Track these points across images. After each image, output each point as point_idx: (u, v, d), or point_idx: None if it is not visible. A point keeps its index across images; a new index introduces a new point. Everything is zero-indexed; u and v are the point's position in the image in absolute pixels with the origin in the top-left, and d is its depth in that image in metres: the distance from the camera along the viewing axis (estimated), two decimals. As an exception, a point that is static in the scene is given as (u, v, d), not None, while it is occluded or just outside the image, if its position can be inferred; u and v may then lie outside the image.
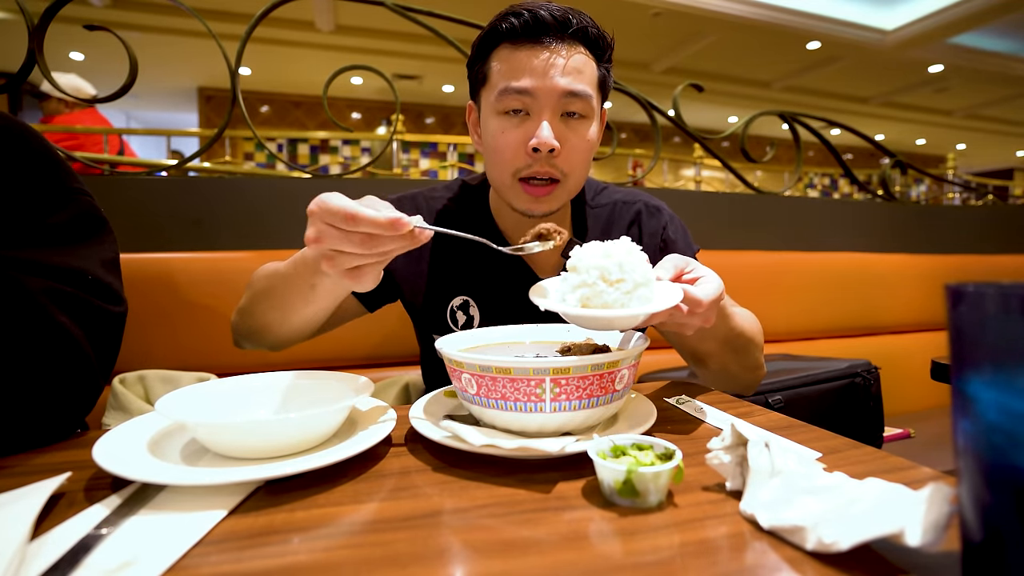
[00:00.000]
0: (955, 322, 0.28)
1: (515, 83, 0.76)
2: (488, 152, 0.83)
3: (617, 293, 0.54)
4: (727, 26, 6.26)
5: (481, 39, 0.81)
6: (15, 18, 5.04)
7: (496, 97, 0.78)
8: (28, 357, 0.59)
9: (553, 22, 0.75)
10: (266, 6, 1.39)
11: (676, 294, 0.57)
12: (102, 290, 0.67)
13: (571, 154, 0.79)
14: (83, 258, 0.67)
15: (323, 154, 6.58)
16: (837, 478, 0.41)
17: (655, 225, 0.96)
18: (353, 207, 0.51)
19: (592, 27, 0.79)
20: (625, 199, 0.98)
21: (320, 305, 0.70)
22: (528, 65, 0.76)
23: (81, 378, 0.64)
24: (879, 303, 1.85)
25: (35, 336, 0.59)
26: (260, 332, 0.79)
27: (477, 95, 0.85)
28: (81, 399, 0.65)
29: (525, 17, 0.75)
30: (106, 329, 0.67)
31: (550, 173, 0.79)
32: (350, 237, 0.53)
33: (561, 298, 0.58)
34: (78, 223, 0.69)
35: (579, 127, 0.80)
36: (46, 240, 0.65)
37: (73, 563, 0.34)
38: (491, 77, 0.80)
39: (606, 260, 0.55)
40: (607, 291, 0.55)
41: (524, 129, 0.78)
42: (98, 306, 0.66)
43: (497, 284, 0.90)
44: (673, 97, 1.88)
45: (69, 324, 0.62)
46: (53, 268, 0.63)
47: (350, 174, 1.54)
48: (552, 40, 0.76)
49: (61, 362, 0.61)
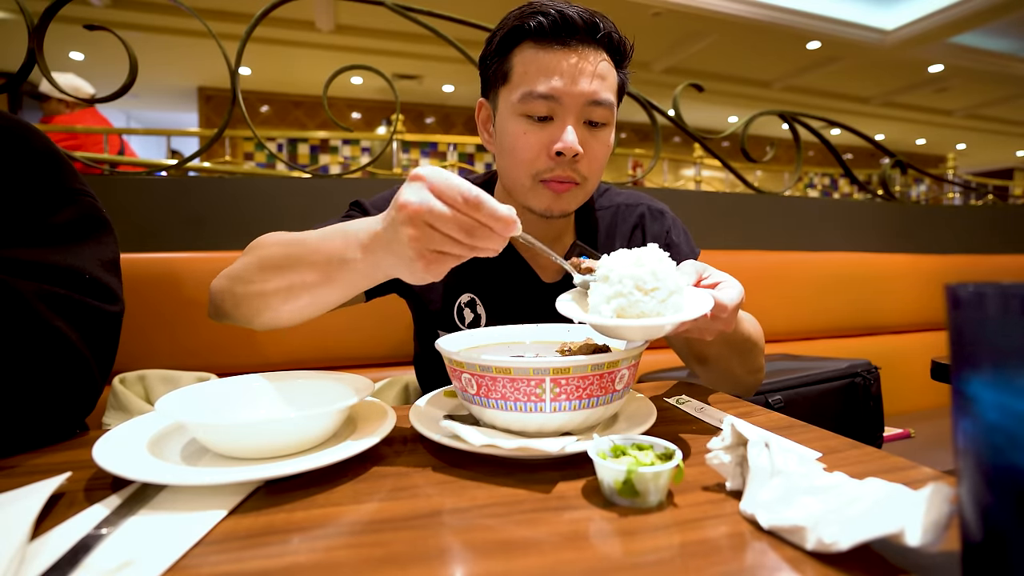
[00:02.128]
0: (955, 322, 0.28)
1: (541, 87, 0.74)
2: (505, 152, 0.81)
3: (653, 302, 0.54)
4: (727, 26, 6.26)
5: (503, 35, 0.78)
6: (15, 18, 5.04)
7: (519, 99, 0.76)
8: (22, 360, 0.58)
9: (582, 24, 0.73)
10: (266, 6, 1.39)
11: (707, 300, 0.57)
12: (98, 289, 0.67)
13: (592, 159, 0.79)
14: (81, 258, 0.66)
15: (323, 154, 6.59)
16: (837, 478, 0.41)
17: (658, 229, 0.95)
18: (478, 191, 0.47)
19: (615, 32, 0.78)
20: (628, 202, 0.97)
21: (339, 290, 0.61)
22: (556, 68, 0.74)
23: (78, 379, 0.63)
24: (879, 303, 1.85)
25: (28, 338, 0.58)
26: (251, 306, 0.68)
27: (493, 93, 0.82)
28: (79, 400, 0.64)
29: (553, 16, 0.73)
30: (102, 329, 0.67)
31: (571, 177, 0.78)
32: (460, 220, 0.47)
33: (595, 310, 0.57)
34: (79, 223, 0.68)
35: (600, 134, 0.79)
36: (45, 240, 0.65)
37: (73, 563, 0.34)
38: (512, 77, 0.78)
39: (639, 269, 0.55)
40: (643, 300, 0.54)
41: (548, 132, 0.76)
42: (94, 306, 0.65)
43: (501, 283, 0.89)
44: (673, 97, 1.88)
45: (63, 325, 0.61)
46: (49, 268, 0.62)
47: (350, 174, 1.54)
48: (579, 43, 0.74)
49: (56, 364, 0.61)
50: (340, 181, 1.48)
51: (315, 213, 1.43)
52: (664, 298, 0.54)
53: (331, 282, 0.60)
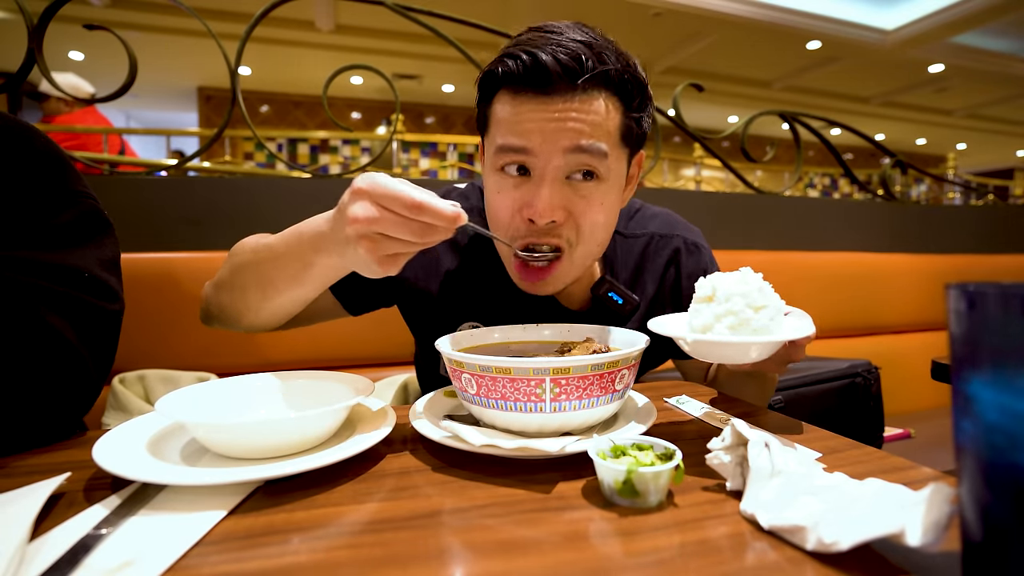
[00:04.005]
0: (955, 322, 0.28)
1: (513, 140, 0.65)
2: (487, 210, 0.74)
3: (764, 319, 0.55)
4: (727, 26, 6.26)
5: (480, 80, 0.70)
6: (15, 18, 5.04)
7: (495, 152, 0.68)
8: (20, 358, 0.58)
9: (558, 69, 0.61)
10: (266, 6, 1.39)
11: (808, 322, 0.58)
12: (98, 288, 0.67)
13: (581, 222, 0.68)
14: (81, 257, 0.66)
15: (323, 154, 6.58)
16: (837, 478, 0.41)
17: (694, 266, 0.86)
18: (419, 196, 0.49)
19: (616, 67, 0.64)
20: (662, 231, 0.88)
21: (309, 288, 0.64)
22: (527, 119, 0.64)
23: (76, 378, 0.63)
24: (879, 303, 1.85)
25: (25, 336, 0.59)
26: (234, 309, 0.72)
27: (483, 138, 0.75)
28: (77, 399, 0.64)
29: (523, 60, 0.62)
30: (102, 327, 0.67)
31: (552, 243, 0.68)
32: (409, 225, 0.50)
33: (702, 327, 0.57)
34: (80, 224, 0.68)
35: (592, 191, 0.67)
36: (45, 241, 0.65)
37: (73, 563, 0.34)
38: (491, 126, 0.69)
39: (746, 286, 0.56)
40: (755, 317, 0.55)
41: (522, 192, 0.67)
42: (93, 304, 0.65)
43: (519, 309, 0.81)
44: (673, 97, 1.88)
45: (60, 323, 0.61)
46: (48, 267, 0.63)
47: (350, 174, 1.54)
48: (562, 89, 0.63)
49: (54, 363, 0.61)
50: (340, 181, 1.48)
51: (315, 213, 1.43)
52: (773, 315, 0.56)
53: (298, 282, 0.63)
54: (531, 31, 0.67)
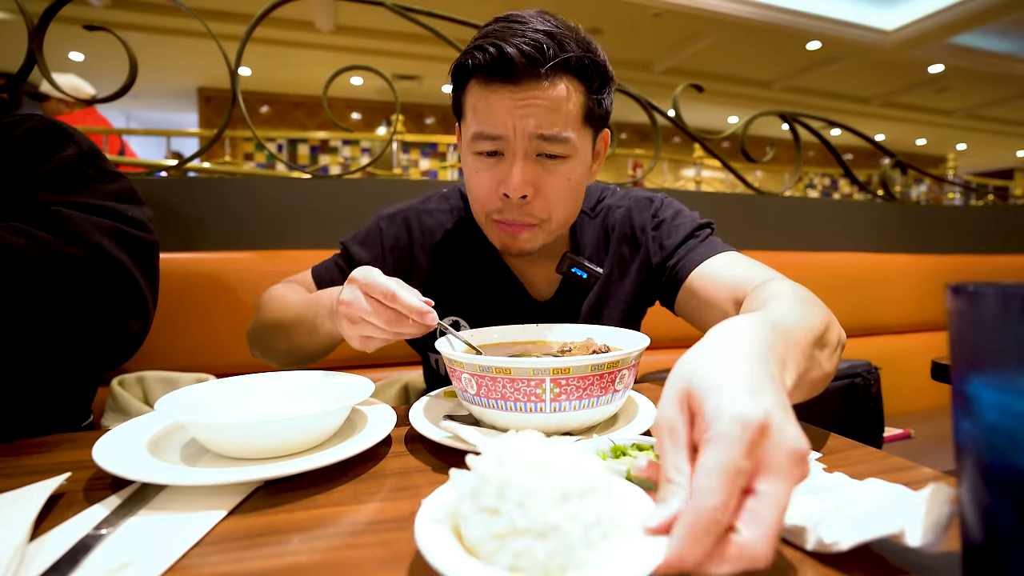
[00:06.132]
0: (955, 322, 0.28)
1: (486, 127, 0.71)
2: (466, 188, 0.80)
3: (572, 545, 0.29)
4: (727, 26, 6.26)
5: (453, 71, 0.75)
6: (15, 18, 5.04)
7: (471, 138, 0.74)
8: (92, 287, 0.68)
9: (523, 60, 0.67)
10: (266, 6, 1.39)
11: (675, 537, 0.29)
12: (138, 224, 0.77)
13: (549, 197, 0.75)
14: (123, 204, 0.78)
15: (323, 154, 6.59)
16: (837, 478, 0.41)
17: (645, 217, 0.89)
18: (393, 287, 0.57)
19: (577, 54, 0.69)
20: (618, 203, 0.92)
21: (322, 344, 0.76)
22: (496, 108, 0.70)
23: (135, 305, 0.73)
24: (879, 303, 1.85)
25: (89, 262, 0.68)
26: (268, 351, 0.86)
27: (459, 124, 0.80)
28: (136, 325, 0.73)
29: (491, 53, 0.68)
30: (148, 257, 0.77)
31: (523, 220, 0.75)
32: (381, 312, 0.58)
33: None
34: (124, 192, 0.80)
35: (558, 168, 0.74)
36: (94, 193, 0.75)
37: (73, 563, 0.34)
38: (466, 113, 0.75)
39: (543, 477, 0.30)
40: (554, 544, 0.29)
41: (497, 171, 0.73)
42: (139, 237, 0.75)
43: (489, 301, 0.87)
44: (673, 97, 1.88)
45: (118, 252, 0.71)
46: (97, 207, 0.73)
47: (350, 174, 1.54)
48: (526, 77, 0.68)
49: (119, 291, 0.71)
50: (340, 181, 1.48)
51: (315, 214, 1.43)
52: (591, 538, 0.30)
53: (311, 340, 0.76)
54: (497, 22, 0.72)
